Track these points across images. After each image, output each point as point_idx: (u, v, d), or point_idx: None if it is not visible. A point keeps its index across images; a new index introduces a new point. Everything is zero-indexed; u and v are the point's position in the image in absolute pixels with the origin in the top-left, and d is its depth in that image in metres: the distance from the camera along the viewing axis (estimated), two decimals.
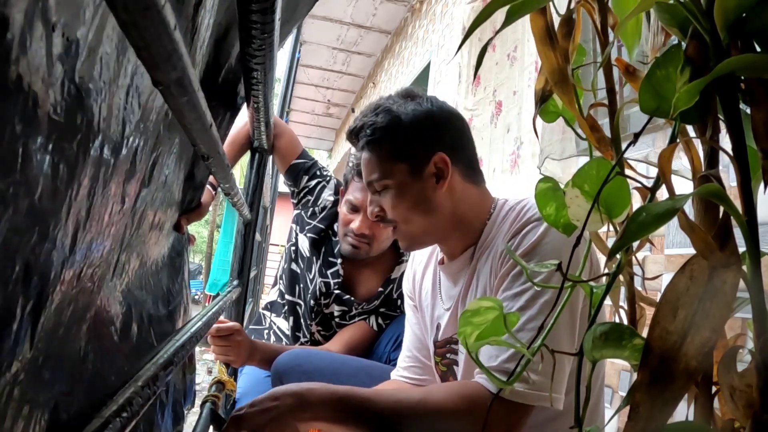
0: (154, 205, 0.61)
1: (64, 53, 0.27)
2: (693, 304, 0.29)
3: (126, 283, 0.58)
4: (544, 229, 0.83)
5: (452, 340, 1.00)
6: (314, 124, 8.07)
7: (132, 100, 0.38)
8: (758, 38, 0.31)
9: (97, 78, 0.31)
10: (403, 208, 0.93)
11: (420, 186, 0.92)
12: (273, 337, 1.64)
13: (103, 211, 0.38)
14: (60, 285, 0.33)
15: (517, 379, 0.40)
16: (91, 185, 0.34)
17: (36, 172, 0.26)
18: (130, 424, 0.42)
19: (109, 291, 0.51)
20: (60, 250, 0.32)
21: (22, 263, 0.27)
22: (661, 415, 0.28)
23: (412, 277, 1.14)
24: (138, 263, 0.62)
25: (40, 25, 0.24)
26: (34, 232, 0.28)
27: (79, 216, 0.33)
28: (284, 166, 1.60)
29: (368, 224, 1.41)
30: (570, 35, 0.42)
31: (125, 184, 0.42)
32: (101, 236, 0.40)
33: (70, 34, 0.27)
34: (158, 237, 0.71)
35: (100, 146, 0.34)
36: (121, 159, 0.39)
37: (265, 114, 1.05)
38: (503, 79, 2.45)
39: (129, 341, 0.59)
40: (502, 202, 0.96)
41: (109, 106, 0.34)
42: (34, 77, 0.24)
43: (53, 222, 0.30)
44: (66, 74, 0.27)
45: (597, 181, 0.38)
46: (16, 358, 0.29)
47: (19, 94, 0.24)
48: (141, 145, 0.44)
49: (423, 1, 4.25)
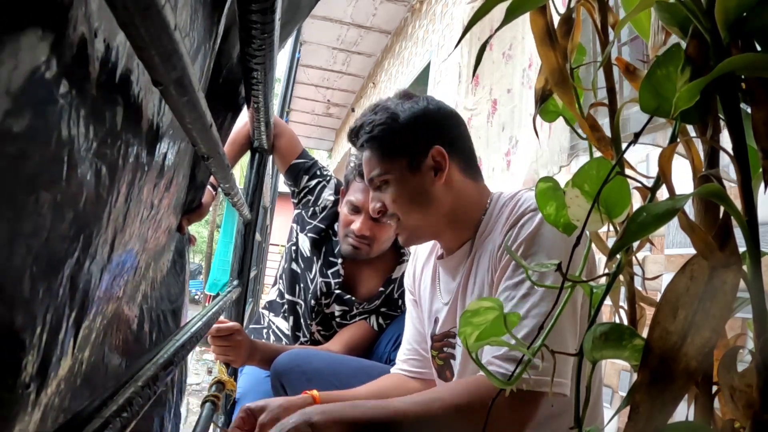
0: (170, 209, 0.61)
1: (104, 57, 0.27)
2: (693, 305, 0.29)
3: (144, 287, 0.58)
4: (540, 220, 0.84)
5: (450, 333, 1.01)
6: (314, 124, 8.07)
7: (164, 106, 0.38)
8: (759, 37, 0.31)
9: (135, 84, 0.31)
10: (403, 201, 0.95)
11: (419, 179, 0.95)
12: (272, 337, 1.64)
13: (136, 217, 0.38)
14: (98, 292, 0.33)
15: (517, 381, 0.40)
16: (128, 191, 0.34)
17: (80, 179, 0.26)
18: (130, 424, 0.41)
19: (132, 297, 0.51)
20: (100, 257, 0.31)
21: (69, 273, 0.27)
22: (661, 416, 0.28)
23: (413, 272, 1.16)
24: (153, 266, 0.62)
25: (85, 29, 0.24)
26: (79, 239, 0.27)
27: (117, 223, 0.33)
28: (284, 166, 1.60)
29: (369, 225, 1.41)
30: (570, 34, 0.42)
31: (154, 189, 0.42)
32: (133, 242, 0.39)
33: (110, 40, 0.27)
34: (166, 239, 0.71)
35: (137, 151, 0.34)
36: (154, 164, 0.39)
37: (265, 114, 1.05)
38: (498, 78, 2.45)
39: (142, 343, 0.59)
40: (497, 195, 0.98)
41: (145, 111, 0.34)
42: (76, 80, 0.24)
43: (96, 229, 0.29)
44: (107, 79, 0.27)
45: (597, 181, 0.38)
46: (61, 368, 0.29)
47: (66, 99, 0.23)
48: (167, 150, 0.44)
49: (423, 1, 4.25)
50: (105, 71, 0.27)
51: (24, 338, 0.25)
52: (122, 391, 0.43)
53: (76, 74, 0.24)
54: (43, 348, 0.26)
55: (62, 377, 0.29)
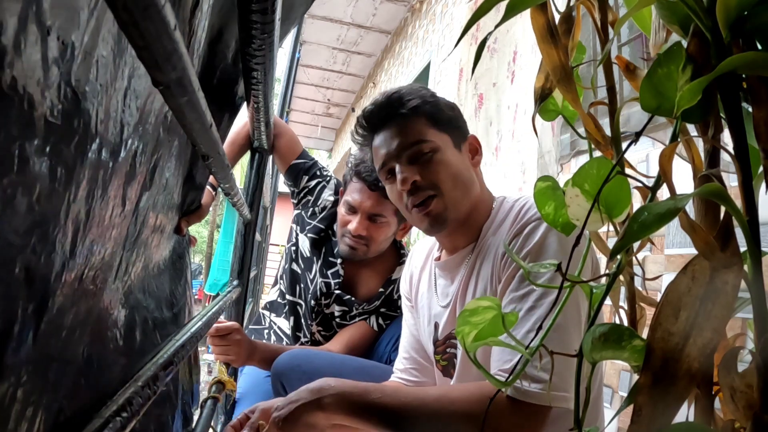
0: (156, 208, 0.61)
1: (59, 57, 0.27)
2: (695, 305, 0.28)
3: (129, 286, 0.58)
4: (545, 229, 0.83)
5: (451, 335, 1.00)
6: (314, 124, 8.07)
7: (130, 103, 0.38)
8: (760, 36, 0.31)
9: (94, 81, 0.31)
10: (451, 173, 0.93)
11: (462, 158, 0.96)
12: (273, 337, 1.64)
13: (104, 213, 0.38)
14: (61, 287, 0.33)
15: (516, 379, 0.40)
16: (89, 187, 0.34)
17: (33, 174, 0.26)
18: (130, 424, 0.41)
19: (112, 294, 0.51)
20: (60, 251, 0.32)
21: (23, 265, 0.27)
22: (664, 417, 0.28)
23: (409, 278, 1.15)
24: (141, 266, 0.62)
25: (35, 29, 0.24)
26: (34, 233, 0.28)
27: (78, 218, 0.33)
28: (284, 166, 1.60)
29: (365, 225, 1.41)
30: (569, 33, 0.42)
31: (125, 186, 0.42)
32: (102, 238, 0.40)
33: (65, 38, 0.27)
34: (160, 240, 0.71)
35: (98, 149, 0.34)
36: (120, 162, 0.39)
37: (265, 114, 1.04)
38: (483, 71, 2.45)
39: (133, 344, 0.59)
40: (501, 200, 0.97)
41: (107, 109, 0.34)
42: (29, 81, 0.24)
43: (52, 223, 0.30)
44: (62, 77, 0.27)
45: (597, 181, 0.37)
46: (19, 359, 0.29)
47: (15, 98, 0.23)
48: (140, 148, 0.44)
49: (423, 1, 4.25)
50: (60, 70, 0.27)
51: None
52: (122, 391, 0.44)
53: (28, 70, 0.24)
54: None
55: (24, 370, 0.29)
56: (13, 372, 0.28)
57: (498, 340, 0.42)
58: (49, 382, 0.34)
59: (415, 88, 0.99)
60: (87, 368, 0.43)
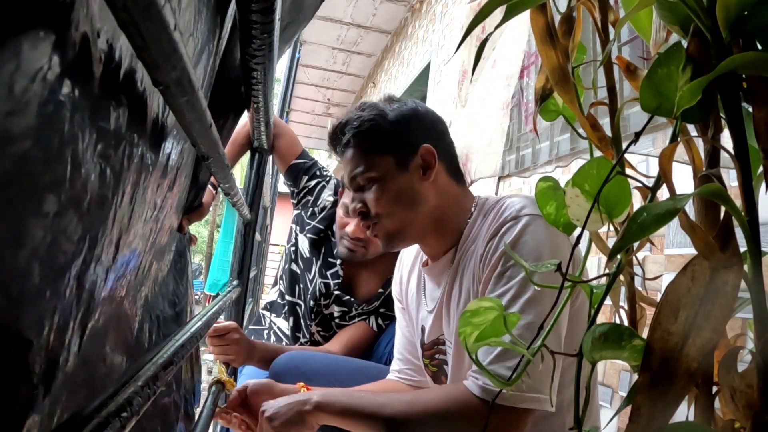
0: (173, 209, 0.61)
1: (108, 57, 0.27)
2: (694, 305, 0.28)
3: (146, 288, 0.58)
4: (520, 228, 0.82)
5: (439, 341, 1.00)
6: (314, 124, 8.06)
7: (167, 105, 0.38)
8: (760, 36, 0.31)
9: (139, 84, 0.31)
10: (388, 200, 0.93)
11: (406, 178, 0.93)
12: (273, 338, 1.64)
13: (140, 217, 0.38)
14: (103, 293, 0.33)
15: (516, 382, 0.40)
16: (133, 192, 0.34)
17: (84, 180, 0.26)
18: (129, 423, 0.41)
19: (134, 296, 0.51)
20: (106, 258, 0.31)
21: (75, 274, 0.27)
22: (662, 417, 0.28)
23: (399, 279, 1.15)
24: (155, 267, 0.62)
25: (86, 29, 0.24)
26: (85, 240, 0.27)
27: (122, 224, 0.33)
28: (284, 166, 1.60)
29: (363, 227, 1.41)
30: (570, 33, 0.42)
31: (158, 190, 0.42)
32: (137, 242, 0.39)
33: (113, 41, 0.27)
34: (167, 239, 0.71)
35: (141, 152, 0.34)
36: (158, 164, 0.39)
37: (265, 114, 1.05)
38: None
39: (142, 344, 0.59)
40: (482, 202, 0.96)
41: (150, 111, 0.34)
42: (79, 81, 0.24)
43: (101, 230, 0.29)
44: (111, 79, 0.27)
45: (597, 181, 0.37)
46: (66, 368, 0.29)
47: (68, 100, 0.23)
48: (171, 150, 0.44)
49: (423, 1, 4.25)
50: (108, 71, 0.27)
51: (31, 339, 0.25)
52: (122, 391, 0.43)
53: (78, 75, 0.24)
54: (50, 349, 0.26)
55: (67, 377, 0.29)
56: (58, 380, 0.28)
57: (500, 340, 0.42)
58: (79, 383, 0.34)
59: (355, 115, 0.97)
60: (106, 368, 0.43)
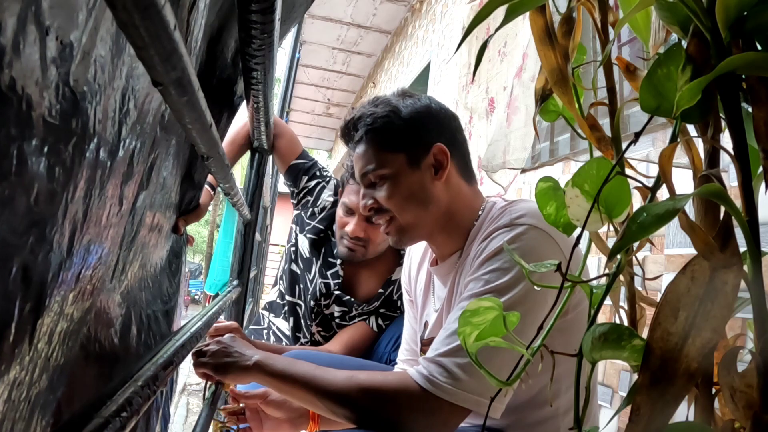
0: (153, 207, 0.61)
1: (58, 57, 0.27)
2: (694, 305, 0.28)
3: (126, 286, 0.58)
4: (511, 237, 0.82)
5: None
6: (314, 124, 8.07)
7: (128, 103, 0.38)
8: (759, 36, 0.31)
9: (92, 81, 0.31)
10: (400, 198, 0.93)
11: (418, 176, 0.93)
12: (273, 338, 1.64)
13: (101, 213, 0.38)
14: (58, 286, 0.33)
15: (516, 380, 0.40)
16: (87, 187, 0.34)
17: (31, 175, 0.26)
18: (129, 423, 0.41)
19: (109, 293, 0.51)
20: (57, 251, 0.32)
21: (20, 264, 0.27)
22: (662, 417, 0.28)
23: (408, 272, 1.15)
24: (138, 265, 0.62)
25: (34, 29, 0.24)
26: (31, 233, 0.28)
27: (75, 218, 0.33)
28: (284, 166, 1.60)
29: (363, 227, 1.40)
30: (570, 34, 0.42)
31: (123, 186, 0.42)
32: (99, 238, 0.40)
33: (63, 38, 0.27)
34: (157, 239, 0.71)
35: (95, 148, 0.34)
36: (118, 161, 0.39)
37: (265, 114, 1.05)
38: (494, 75, 2.45)
39: (129, 342, 0.59)
40: (490, 205, 0.96)
41: (105, 109, 0.34)
42: (27, 81, 0.24)
43: (50, 223, 0.30)
44: (60, 77, 0.27)
45: (597, 181, 0.37)
46: (15, 359, 0.29)
47: (13, 98, 0.24)
48: (138, 148, 0.44)
49: (423, 1, 4.25)
50: (59, 70, 0.27)
51: None
52: (122, 391, 0.43)
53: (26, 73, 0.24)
54: None
55: (20, 369, 0.29)
56: (9, 370, 0.28)
57: (499, 340, 0.42)
58: (47, 380, 0.34)
59: (368, 110, 0.96)
60: (85, 366, 0.43)
